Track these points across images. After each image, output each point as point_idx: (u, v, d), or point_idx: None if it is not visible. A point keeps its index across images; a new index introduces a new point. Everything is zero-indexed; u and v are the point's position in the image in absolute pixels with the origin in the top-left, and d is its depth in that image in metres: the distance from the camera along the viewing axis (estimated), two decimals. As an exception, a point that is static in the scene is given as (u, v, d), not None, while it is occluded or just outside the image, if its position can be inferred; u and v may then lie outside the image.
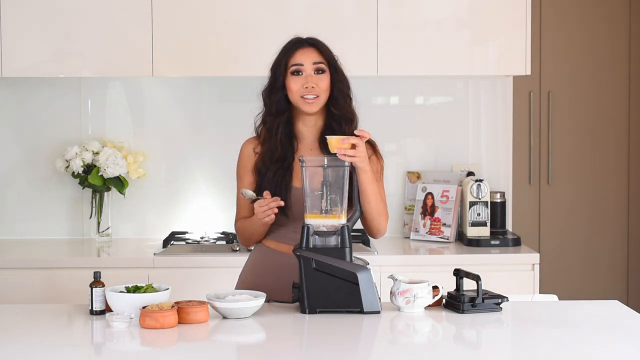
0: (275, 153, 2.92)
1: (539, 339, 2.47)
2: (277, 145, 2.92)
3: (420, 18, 4.04)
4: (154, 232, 4.36)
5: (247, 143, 3.01)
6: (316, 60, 2.91)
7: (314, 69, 2.90)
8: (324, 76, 2.90)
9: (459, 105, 4.42)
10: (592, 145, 5.16)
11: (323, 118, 2.95)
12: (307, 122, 2.95)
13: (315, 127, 2.96)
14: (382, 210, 2.90)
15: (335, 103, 2.93)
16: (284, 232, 2.94)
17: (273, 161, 2.91)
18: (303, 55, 2.90)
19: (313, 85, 2.87)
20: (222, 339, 2.52)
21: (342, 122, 2.92)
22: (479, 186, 4.11)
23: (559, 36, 5.11)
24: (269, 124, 2.94)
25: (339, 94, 2.93)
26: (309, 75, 2.89)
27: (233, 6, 4.00)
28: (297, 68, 2.90)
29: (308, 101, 2.88)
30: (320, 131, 2.95)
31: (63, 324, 2.67)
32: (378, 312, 2.67)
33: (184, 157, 4.40)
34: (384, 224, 2.93)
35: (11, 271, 3.82)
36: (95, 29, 3.99)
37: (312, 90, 2.87)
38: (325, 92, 2.90)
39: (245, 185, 2.97)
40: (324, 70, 2.91)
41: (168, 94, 4.40)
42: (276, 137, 2.92)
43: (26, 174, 4.37)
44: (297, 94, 2.88)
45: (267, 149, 2.93)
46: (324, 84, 2.90)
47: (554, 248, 5.16)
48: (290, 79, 2.89)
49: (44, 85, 4.34)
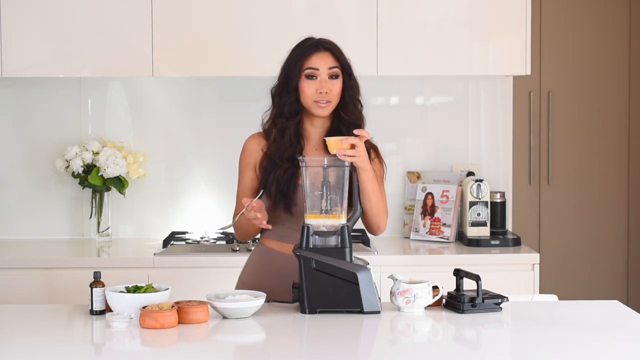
0: (285, 152, 2.91)
1: (539, 339, 2.47)
2: (287, 145, 2.91)
3: (420, 18, 4.04)
4: (154, 232, 4.36)
5: (252, 138, 3.00)
6: (332, 65, 2.89)
7: (329, 74, 2.88)
8: (337, 81, 2.89)
9: (459, 105, 4.42)
10: (592, 145, 5.16)
11: (330, 119, 2.95)
12: (315, 123, 2.95)
13: (323, 127, 2.96)
14: (383, 208, 2.90)
15: (345, 108, 2.92)
16: (287, 231, 2.93)
17: (283, 160, 2.90)
18: (319, 60, 2.89)
19: (327, 91, 2.86)
20: (222, 339, 2.52)
21: (350, 126, 2.91)
22: (479, 186, 4.11)
23: (559, 36, 5.11)
24: (280, 125, 2.92)
25: (350, 99, 2.93)
26: (324, 80, 2.87)
27: (233, 6, 4.00)
28: (312, 72, 2.88)
29: (320, 105, 2.87)
30: (327, 132, 2.95)
31: (63, 324, 2.67)
32: (378, 312, 2.67)
33: (184, 157, 4.40)
34: (384, 222, 2.93)
35: (11, 271, 3.82)
36: (95, 29, 3.99)
37: (325, 95, 2.87)
38: (337, 97, 2.90)
39: (247, 178, 2.97)
40: (338, 75, 2.90)
41: (168, 94, 4.40)
42: (287, 138, 2.92)
43: (26, 174, 4.37)
44: (310, 98, 2.87)
45: (277, 148, 2.92)
46: (337, 89, 2.89)
47: (554, 248, 5.16)
48: (305, 82, 2.88)
49: (44, 85, 4.34)
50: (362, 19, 4.01)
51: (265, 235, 3.00)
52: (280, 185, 2.88)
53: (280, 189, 2.88)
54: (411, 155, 4.42)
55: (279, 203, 2.90)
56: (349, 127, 2.90)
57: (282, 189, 2.88)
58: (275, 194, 2.89)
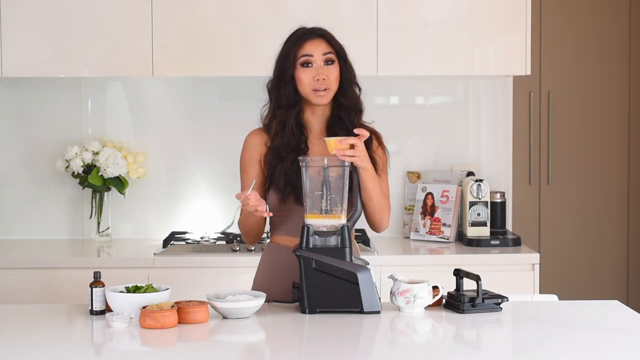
0: (290, 143, 2.88)
1: (539, 339, 2.47)
2: (290, 136, 2.89)
3: (420, 18, 4.04)
4: (154, 232, 4.36)
5: (254, 134, 2.97)
6: (326, 51, 2.88)
7: (324, 59, 2.87)
8: (333, 67, 2.88)
9: (459, 105, 4.43)
10: (592, 145, 5.16)
11: (330, 107, 2.93)
12: (316, 112, 2.93)
13: (323, 116, 2.94)
14: (385, 205, 2.89)
15: (344, 94, 2.91)
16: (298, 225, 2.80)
17: (289, 151, 2.87)
18: (313, 46, 2.88)
19: (324, 77, 2.85)
20: (222, 339, 2.52)
21: (350, 112, 2.91)
22: (479, 186, 4.11)
23: (559, 36, 5.11)
24: (280, 117, 2.90)
25: (348, 84, 2.91)
26: (319, 67, 2.86)
27: (233, 6, 4.00)
28: (307, 59, 2.87)
29: (319, 94, 2.86)
30: (328, 120, 2.94)
31: (63, 324, 2.67)
32: (378, 312, 2.67)
33: (184, 157, 4.40)
34: (386, 219, 2.91)
35: (11, 271, 3.82)
36: (95, 29, 3.99)
37: (323, 82, 2.85)
38: (335, 82, 2.88)
39: (251, 175, 2.92)
40: (334, 60, 2.89)
41: (168, 94, 4.40)
42: (289, 129, 2.89)
43: (26, 174, 4.37)
44: (308, 86, 2.86)
45: (280, 140, 2.89)
46: (334, 75, 2.88)
47: (554, 248, 5.16)
48: (300, 70, 2.87)
49: (44, 85, 4.34)
50: (362, 19, 4.01)
51: (276, 232, 2.96)
52: (289, 177, 2.86)
53: (289, 180, 2.85)
54: (411, 155, 4.42)
55: (289, 195, 2.86)
56: (350, 114, 2.90)
57: (291, 180, 2.85)
58: (285, 186, 2.86)
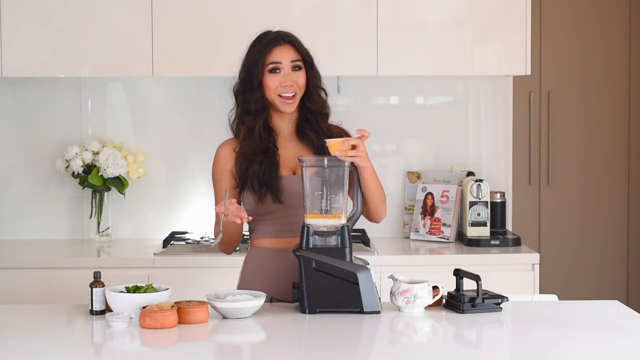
0: (258, 147, 2.90)
1: (539, 339, 2.46)
2: (258, 140, 2.91)
3: (420, 18, 4.04)
4: (154, 232, 4.36)
5: (224, 145, 2.99)
6: (294, 58, 2.90)
7: (292, 66, 2.90)
8: (300, 73, 2.91)
9: (459, 105, 4.42)
10: (592, 145, 5.16)
11: (298, 111, 2.96)
12: (284, 117, 2.96)
13: (291, 120, 2.97)
14: (384, 197, 2.92)
15: (310, 99, 2.94)
16: (279, 225, 2.91)
17: (257, 153, 2.90)
18: (281, 53, 2.89)
19: (291, 83, 2.88)
20: (222, 339, 2.52)
21: (317, 116, 2.95)
22: (479, 186, 4.11)
23: (559, 36, 5.11)
24: (249, 123, 2.92)
25: (314, 89, 2.95)
26: (287, 73, 2.89)
27: (233, 6, 4.00)
28: (275, 66, 2.89)
29: (287, 101, 2.89)
30: (296, 124, 2.96)
31: (63, 324, 2.67)
32: (378, 312, 2.67)
33: (184, 157, 4.40)
34: (384, 210, 2.94)
35: (11, 271, 3.82)
36: (95, 28, 3.99)
37: (290, 88, 2.88)
38: (302, 88, 2.92)
39: (224, 186, 2.92)
40: (301, 67, 2.92)
41: (168, 94, 4.40)
42: (257, 133, 2.91)
43: (26, 174, 4.37)
44: (275, 92, 2.89)
45: (248, 145, 2.91)
46: (301, 81, 2.91)
47: (554, 248, 5.16)
48: (268, 76, 2.89)
49: (44, 85, 4.34)
50: (362, 19, 4.01)
51: (256, 236, 2.97)
52: (261, 176, 2.87)
53: (263, 180, 2.87)
54: (411, 155, 4.42)
55: (266, 195, 2.87)
56: (317, 117, 2.94)
57: (265, 179, 2.87)
58: (260, 187, 2.87)
